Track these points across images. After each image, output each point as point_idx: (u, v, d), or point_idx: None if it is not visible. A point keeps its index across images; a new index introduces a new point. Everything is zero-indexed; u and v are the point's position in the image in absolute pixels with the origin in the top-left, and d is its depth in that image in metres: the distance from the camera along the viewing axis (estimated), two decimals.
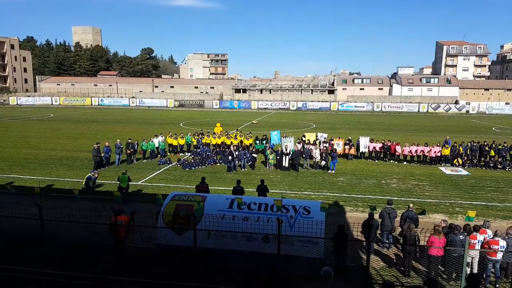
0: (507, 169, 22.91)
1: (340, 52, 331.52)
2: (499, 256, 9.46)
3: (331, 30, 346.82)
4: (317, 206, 10.44)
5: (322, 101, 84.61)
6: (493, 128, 47.01)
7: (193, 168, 22.21)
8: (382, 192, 17.88)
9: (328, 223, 10.40)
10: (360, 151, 25.66)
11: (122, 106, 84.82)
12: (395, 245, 11.84)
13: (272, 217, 10.04)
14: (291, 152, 22.35)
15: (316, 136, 27.42)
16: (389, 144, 25.22)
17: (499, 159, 23.79)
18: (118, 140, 23.70)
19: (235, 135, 27.96)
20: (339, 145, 25.36)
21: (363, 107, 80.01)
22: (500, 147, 24.67)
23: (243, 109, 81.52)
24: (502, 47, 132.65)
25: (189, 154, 25.65)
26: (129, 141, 23.57)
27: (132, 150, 23.35)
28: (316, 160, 22.84)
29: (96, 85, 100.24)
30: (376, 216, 12.12)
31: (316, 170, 22.37)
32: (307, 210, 10.47)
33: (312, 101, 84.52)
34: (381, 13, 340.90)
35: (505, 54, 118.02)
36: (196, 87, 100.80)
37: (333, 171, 21.85)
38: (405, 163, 24.78)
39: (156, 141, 25.22)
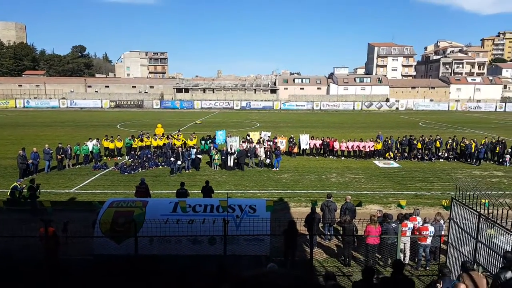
0: (433, 160, 25.01)
1: (281, 52, 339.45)
2: (429, 241, 10.33)
3: (272, 30, 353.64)
4: (262, 204, 10.61)
5: (265, 101, 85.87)
6: (420, 123, 51.02)
7: (132, 172, 21.38)
8: (323, 187, 18.62)
9: (273, 220, 10.62)
10: (302, 148, 26.48)
11: (51, 108, 78.76)
12: (336, 236, 12.41)
13: (218, 218, 10.00)
14: (236, 152, 22.44)
15: (260, 135, 27.80)
16: (328, 141, 26.32)
17: (426, 152, 25.89)
18: (46, 145, 21.91)
19: (178, 136, 27.42)
20: (282, 143, 25.94)
21: (304, 106, 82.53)
22: (427, 140, 26.83)
23: (186, 109, 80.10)
24: (426, 48, 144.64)
25: (128, 157, 24.69)
26: (60, 145, 22.01)
27: (63, 155, 21.87)
28: (261, 159, 23.18)
29: (21, 85, 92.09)
30: (318, 209, 12.62)
31: (261, 168, 22.68)
32: (253, 208, 10.58)
33: (255, 101, 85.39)
34: (318, 16, 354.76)
35: (429, 55, 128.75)
36: (134, 87, 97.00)
37: (277, 169, 22.32)
38: (342, 158, 26.04)
39: (90, 144, 23.90)
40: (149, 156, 23.66)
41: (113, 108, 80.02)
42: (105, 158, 24.93)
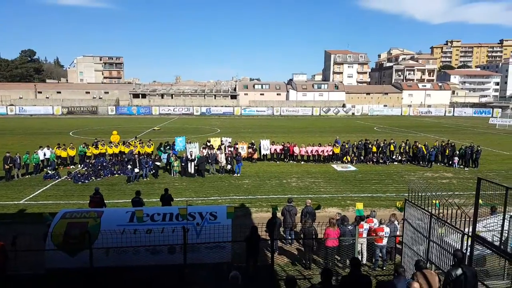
0: (387, 163, 26.06)
1: (240, 58, 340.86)
2: (385, 241, 10.68)
3: (232, 36, 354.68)
4: (223, 210, 10.47)
5: (226, 106, 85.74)
6: (375, 128, 53.12)
7: (86, 181, 20.44)
8: (283, 191, 18.79)
9: (235, 226, 10.53)
10: (262, 154, 26.64)
11: None
12: (297, 240, 12.52)
13: (178, 226, 9.75)
14: (196, 158, 22.14)
15: (221, 140, 27.65)
16: (288, 146, 26.67)
17: (381, 155, 26.94)
18: None
19: (135, 143, 26.61)
20: (243, 149, 25.95)
21: (264, 111, 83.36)
22: (381, 144, 27.92)
23: (143, 115, 78.18)
24: (379, 56, 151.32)
25: (81, 166, 23.62)
26: (8, 154, 20.66)
27: (11, 165, 20.53)
28: (222, 165, 23.03)
29: None
30: (279, 214, 12.70)
31: (222, 175, 22.52)
32: (214, 215, 10.43)
33: (215, 106, 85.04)
34: (276, 23, 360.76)
35: (382, 62, 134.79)
36: (87, 92, 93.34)
37: (238, 174, 22.26)
38: (302, 162, 26.48)
39: (41, 153, 22.60)
40: (104, 164, 22.75)
41: (65, 114, 76.53)
42: (57, 167, 23.68)
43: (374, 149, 27.11)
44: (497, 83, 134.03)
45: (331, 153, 26.41)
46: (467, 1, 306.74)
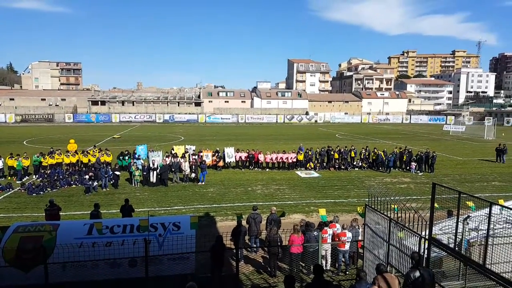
0: (348, 169, 26.76)
1: (204, 65, 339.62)
2: (347, 246, 10.90)
3: (195, 43, 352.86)
4: (187, 220, 10.28)
5: (190, 114, 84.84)
6: (336, 135, 54.51)
7: (41, 192, 19.38)
8: (249, 199, 18.76)
9: (200, 236, 10.36)
10: (227, 161, 26.51)
11: None
12: (262, 248, 12.50)
13: (139, 238, 9.46)
14: (159, 167, 21.64)
15: (185, 148, 27.26)
16: (253, 153, 26.74)
17: (342, 161, 27.63)
18: None
19: (93, 152, 25.65)
20: (207, 157, 25.69)
21: (229, 118, 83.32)
22: (343, 150, 28.64)
23: (103, 123, 75.66)
24: (340, 65, 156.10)
25: (36, 176, 22.40)
26: None
27: None
28: (186, 173, 22.66)
29: None
30: (244, 222, 12.64)
31: (186, 183, 22.15)
32: (177, 225, 10.21)
33: (179, 114, 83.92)
34: (240, 31, 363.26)
35: (342, 71, 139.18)
36: (43, 99, 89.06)
37: (203, 183, 21.99)
38: (267, 169, 26.63)
39: None
40: (60, 174, 21.70)
41: (19, 122, 72.60)
42: (9, 178, 22.34)
43: (336, 155, 27.77)
44: (450, 92, 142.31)
45: (295, 160, 26.76)
46: (422, 14, 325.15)
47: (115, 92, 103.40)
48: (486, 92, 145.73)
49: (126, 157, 24.74)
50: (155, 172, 21.48)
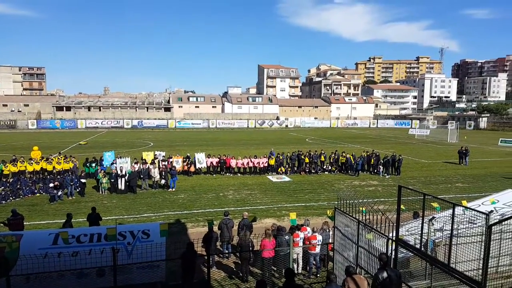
0: (319, 173, 27.18)
1: (174, 70, 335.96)
2: (318, 249, 11.04)
3: (164, 47, 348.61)
4: (156, 228, 10.09)
5: (159, 119, 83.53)
6: (307, 139, 55.29)
7: (3, 201, 18.45)
8: (220, 204, 18.64)
9: (170, 243, 10.19)
10: (198, 167, 26.26)
11: None
12: (234, 253, 12.44)
13: (107, 247, 9.20)
14: (127, 174, 21.12)
15: (155, 154, 26.79)
16: (224, 158, 26.63)
17: (313, 165, 28.03)
18: None
19: (58, 160, 24.71)
20: (178, 163, 25.36)
21: (200, 124, 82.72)
22: (313, 154, 29.07)
23: (68, 129, 73.17)
24: (309, 71, 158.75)
25: None
26: None
27: None
28: (155, 180, 22.23)
29: None
30: (216, 228, 12.54)
31: (155, 190, 21.73)
32: (146, 233, 9.99)
33: (148, 119, 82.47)
34: (211, 37, 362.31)
35: (312, 77, 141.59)
36: (5, 105, 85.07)
37: (173, 189, 21.65)
38: (239, 174, 26.59)
39: None
40: (23, 183, 20.73)
41: None
42: None
43: (307, 160, 28.14)
44: (415, 97, 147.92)
45: (266, 164, 26.90)
46: (387, 21, 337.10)
47: (81, 97, 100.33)
48: (449, 97, 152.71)
49: (93, 164, 24.00)
50: (123, 179, 20.95)
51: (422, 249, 7.53)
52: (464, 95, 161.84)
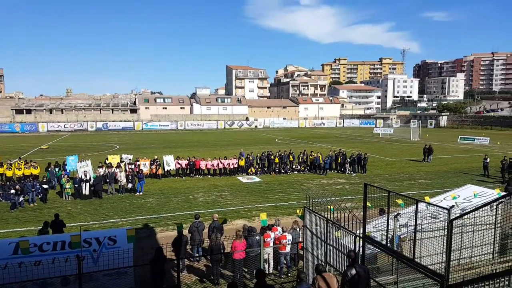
0: (288, 173, 27.45)
1: (139, 71, 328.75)
2: (288, 248, 11.13)
3: (130, 47, 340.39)
4: (123, 233, 9.80)
5: (125, 121, 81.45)
6: (276, 140, 55.71)
7: None
8: (190, 207, 18.40)
9: (138, 249, 9.94)
10: (167, 169, 25.81)
11: None
12: (204, 256, 12.32)
13: (71, 255, 8.84)
14: (92, 178, 20.41)
15: (121, 158, 26.08)
16: (194, 160, 26.32)
17: (282, 165, 28.26)
18: None
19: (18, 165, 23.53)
20: (145, 166, 24.81)
21: (168, 125, 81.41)
22: (282, 155, 29.31)
23: (28, 133, 69.87)
24: (277, 72, 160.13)
25: None
26: None
27: None
28: (122, 184, 21.63)
29: None
30: (186, 231, 12.37)
31: (122, 194, 21.14)
32: (113, 239, 9.70)
33: (113, 121, 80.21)
34: (178, 37, 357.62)
35: (280, 78, 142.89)
36: None
37: (141, 193, 21.14)
38: (209, 176, 26.38)
39: None
40: None
41: None
42: None
43: (277, 160, 28.35)
44: (379, 97, 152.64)
45: (236, 165, 26.84)
46: (351, 23, 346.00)
47: (42, 99, 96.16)
48: (411, 97, 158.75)
49: (56, 169, 23.04)
50: (87, 184, 20.24)
51: (389, 245, 7.76)
52: (425, 94, 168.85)
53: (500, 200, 8.85)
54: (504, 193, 11.59)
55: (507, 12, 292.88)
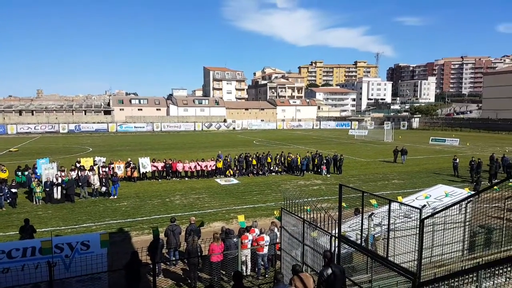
0: (266, 174, 27.53)
1: (113, 72, 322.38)
2: (265, 250, 11.16)
3: (104, 47, 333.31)
4: (96, 238, 9.57)
5: (98, 123, 79.57)
6: (254, 141, 55.79)
7: None
8: (167, 210, 18.15)
9: (113, 254, 9.72)
10: (142, 172, 25.38)
11: None
12: (181, 260, 12.18)
13: (42, 261, 8.56)
14: (64, 182, 19.81)
15: (94, 160, 25.45)
16: (170, 163, 25.99)
17: (260, 167, 28.33)
18: None
19: None
20: (120, 168, 24.31)
21: (143, 127, 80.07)
22: (260, 156, 29.38)
23: None
24: (254, 74, 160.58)
25: None
26: None
27: None
28: (95, 187, 21.10)
29: None
30: (162, 235, 12.19)
31: (96, 198, 20.62)
32: (86, 245, 9.45)
33: (86, 123, 78.24)
34: (155, 37, 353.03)
35: (257, 80, 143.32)
36: None
37: (115, 197, 20.69)
38: (186, 178, 26.12)
39: None
40: None
41: None
42: None
43: (254, 162, 28.39)
44: (354, 99, 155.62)
45: (214, 167, 26.69)
46: (327, 27, 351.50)
47: (11, 100, 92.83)
48: (384, 99, 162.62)
49: (26, 172, 22.24)
50: (59, 187, 19.63)
51: (363, 244, 7.90)
52: (398, 97, 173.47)
53: (469, 199, 9.18)
54: (472, 193, 12.04)
55: (476, 18, 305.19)
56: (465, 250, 9.75)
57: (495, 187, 7.48)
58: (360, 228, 7.84)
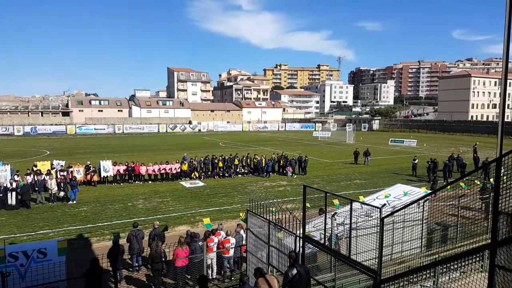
0: (232, 177, 27.47)
1: (72, 72, 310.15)
2: (231, 252, 11.12)
3: (62, 46, 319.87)
4: (54, 245, 9.15)
5: (56, 124, 76.11)
6: (220, 143, 55.52)
7: None
8: (129, 215, 17.67)
9: (72, 261, 9.31)
10: (103, 176, 24.55)
11: None
12: (145, 266, 11.88)
13: None
14: (18, 187, 18.76)
15: (52, 164, 24.31)
16: (133, 166, 25.32)
17: (226, 169, 28.22)
18: None
19: None
20: (79, 172, 23.38)
21: (104, 129, 77.43)
22: (227, 158, 29.28)
23: None
24: (220, 75, 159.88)
25: None
26: None
27: None
28: (53, 192, 20.14)
29: None
30: (124, 240, 11.84)
31: (53, 203, 19.70)
32: (43, 252, 9.02)
33: (43, 125, 74.55)
34: (116, 36, 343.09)
35: (223, 81, 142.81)
36: None
37: (74, 202, 19.86)
38: (150, 182, 25.54)
39: None
40: None
41: None
42: None
43: (221, 164, 28.24)
44: (317, 102, 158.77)
45: (179, 170, 26.29)
46: (291, 30, 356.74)
47: None
48: (346, 102, 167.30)
49: None
50: (13, 192, 18.58)
51: (327, 243, 8.06)
52: (359, 100, 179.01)
53: (426, 198, 9.62)
54: (429, 191, 12.63)
55: (432, 24, 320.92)
56: (423, 247, 10.21)
57: (447, 187, 7.87)
58: (323, 227, 8.00)
